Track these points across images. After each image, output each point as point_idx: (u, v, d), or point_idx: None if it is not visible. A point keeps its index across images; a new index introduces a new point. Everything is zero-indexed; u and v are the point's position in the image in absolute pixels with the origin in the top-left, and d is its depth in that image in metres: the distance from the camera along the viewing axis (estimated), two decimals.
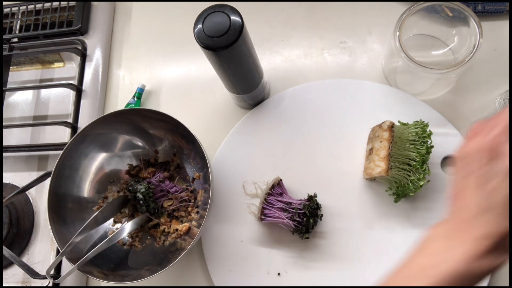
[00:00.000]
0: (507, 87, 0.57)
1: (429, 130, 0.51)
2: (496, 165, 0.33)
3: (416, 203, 0.54)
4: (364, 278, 0.53)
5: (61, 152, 0.54)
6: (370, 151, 0.54)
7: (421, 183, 0.50)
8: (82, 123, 0.68)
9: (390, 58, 0.59)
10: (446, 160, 0.56)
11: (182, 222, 0.58)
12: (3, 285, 0.63)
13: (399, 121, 0.54)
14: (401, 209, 0.55)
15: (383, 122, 0.53)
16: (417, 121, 0.53)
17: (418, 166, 0.50)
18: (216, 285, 0.56)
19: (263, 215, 0.54)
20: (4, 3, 0.78)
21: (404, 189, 0.51)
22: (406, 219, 0.54)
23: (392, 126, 0.52)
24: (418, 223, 0.54)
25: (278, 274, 0.55)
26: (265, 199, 0.54)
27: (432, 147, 0.51)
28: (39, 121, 0.72)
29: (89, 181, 0.59)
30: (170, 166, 0.61)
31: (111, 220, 0.59)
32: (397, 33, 0.52)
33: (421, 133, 0.51)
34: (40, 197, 0.67)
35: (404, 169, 0.51)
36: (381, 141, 0.52)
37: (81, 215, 0.57)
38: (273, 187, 0.55)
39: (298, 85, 0.62)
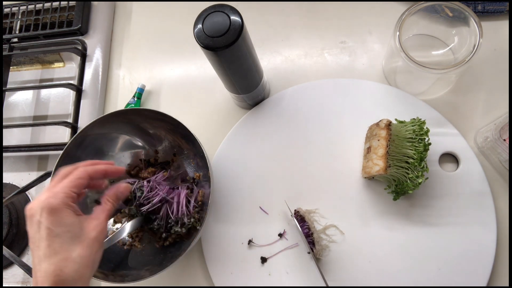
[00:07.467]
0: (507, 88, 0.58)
1: (426, 128, 0.51)
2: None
3: (415, 201, 0.54)
4: (363, 277, 0.53)
5: (61, 152, 0.54)
6: (368, 150, 0.54)
7: (420, 180, 0.50)
8: (82, 123, 0.68)
9: (390, 58, 0.59)
10: (444, 157, 0.56)
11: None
12: (3, 285, 0.63)
13: (396, 119, 0.54)
14: (400, 207, 0.55)
15: (380, 121, 0.53)
16: (414, 118, 0.53)
17: (416, 164, 0.49)
18: (216, 285, 0.56)
19: None
20: (4, 3, 0.78)
21: (402, 186, 0.51)
22: (405, 216, 0.54)
23: (389, 124, 0.52)
24: (417, 221, 0.54)
25: (280, 275, 0.55)
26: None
27: (429, 144, 0.51)
28: (39, 121, 0.72)
29: None
30: (170, 166, 0.61)
31: (111, 220, 0.59)
32: (397, 33, 0.52)
33: (418, 131, 0.51)
34: None
35: (402, 167, 0.51)
36: (378, 140, 0.52)
37: None
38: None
39: (298, 85, 0.62)
